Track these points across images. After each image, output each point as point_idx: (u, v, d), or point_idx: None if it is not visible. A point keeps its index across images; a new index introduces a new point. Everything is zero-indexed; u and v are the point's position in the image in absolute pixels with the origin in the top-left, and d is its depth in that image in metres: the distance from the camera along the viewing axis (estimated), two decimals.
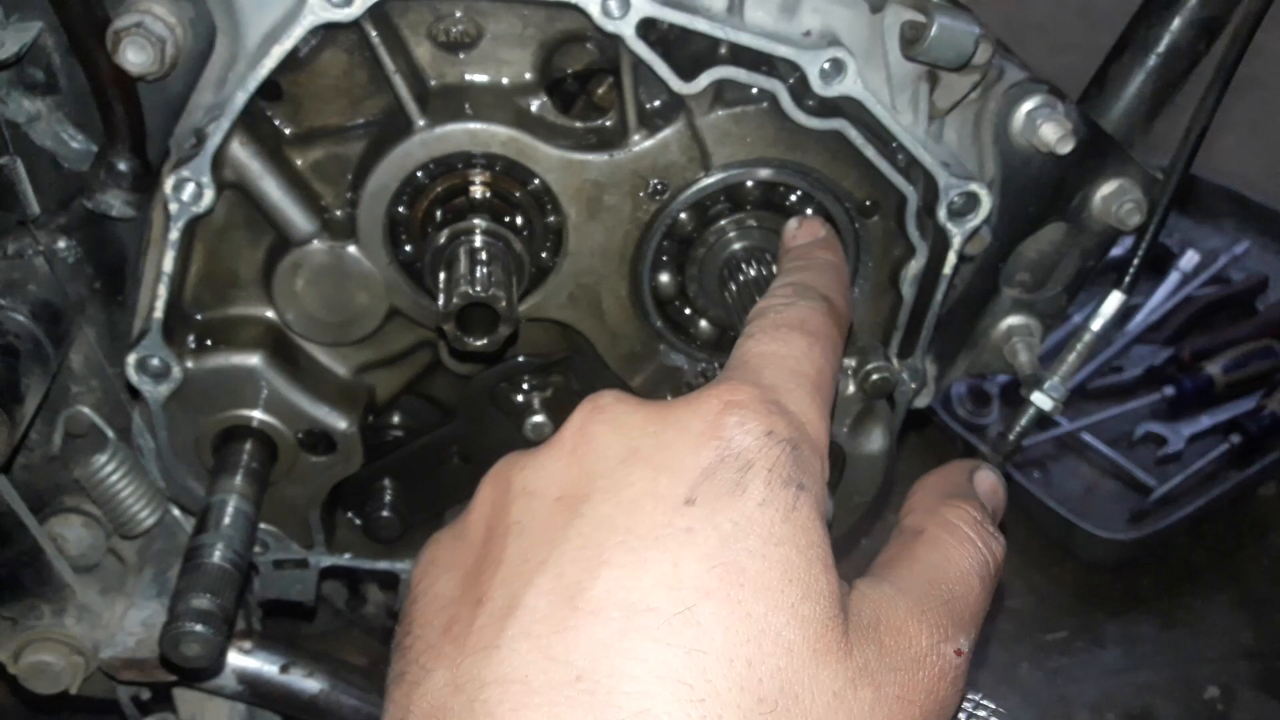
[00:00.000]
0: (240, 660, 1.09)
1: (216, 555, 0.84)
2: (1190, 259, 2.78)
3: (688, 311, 1.02)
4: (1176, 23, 1.08)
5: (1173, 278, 2.77)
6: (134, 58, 0.82)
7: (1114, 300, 1.07)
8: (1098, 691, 2.22)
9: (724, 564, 0.54)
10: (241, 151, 0.88)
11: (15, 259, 0.96)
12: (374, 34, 0.87)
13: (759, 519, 0.55)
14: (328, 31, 0.87)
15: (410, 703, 0.55)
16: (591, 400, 0.63)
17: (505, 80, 0.93)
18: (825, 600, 0.55)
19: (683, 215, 0.95)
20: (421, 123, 0.89)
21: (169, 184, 0.86)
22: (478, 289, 0.83)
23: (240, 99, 0.85)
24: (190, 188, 0.87)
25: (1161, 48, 1.09)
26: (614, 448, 0.60)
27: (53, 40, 0.88)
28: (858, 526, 1.04)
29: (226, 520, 0.88)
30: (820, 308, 0.74)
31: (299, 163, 0.93)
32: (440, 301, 0.85)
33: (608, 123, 0.95)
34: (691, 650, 0.51)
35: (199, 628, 0.80)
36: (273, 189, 0.90)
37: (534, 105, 0.94)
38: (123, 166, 0.89)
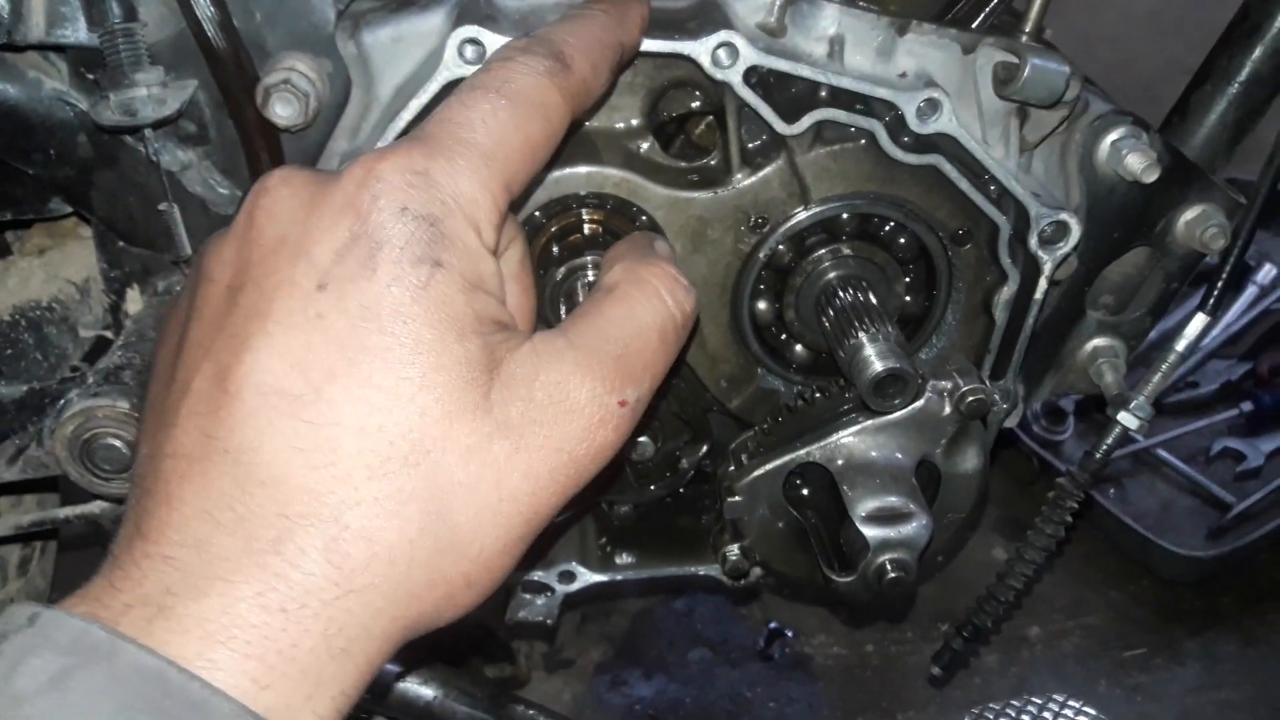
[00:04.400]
0: None
1: None
2: (1268, 272, 2.74)
3: (784, 337, 1.07)
4: (1259, 51, 1.11)
5: (1250, 291, 2.73)
6: (282, 111, 0.89)
7: (1198, 323, 1.10)
8: (1178, 709, 2.21)
9: (351, 345, 0.58)
10: None
11: (165, 294, 1.04)
12: None
13: (387, 299, 0.59)
14: (456, 85, 0.94)
15: (135, 466, 0.64)
16: (260, 183, 0.65)
17: (616, 125, 0.99)
18: (460, 367, 0.60)
19: (782, 247, 1.00)
20: None
21: None
22: None
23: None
24: None
25: (1244, 76, 1.12)
26: (268, 234, 0.62)
27: (205, 96, 0.95)
28: (953, 542, 1.08)
29: None
30: (536, 65, 0.69)
31: None
32: None
33: (711, 161, 1.00)
34: (320, 424, 0.57)
35: None
36: None
37: (642, 147, 0.99)
38: None
